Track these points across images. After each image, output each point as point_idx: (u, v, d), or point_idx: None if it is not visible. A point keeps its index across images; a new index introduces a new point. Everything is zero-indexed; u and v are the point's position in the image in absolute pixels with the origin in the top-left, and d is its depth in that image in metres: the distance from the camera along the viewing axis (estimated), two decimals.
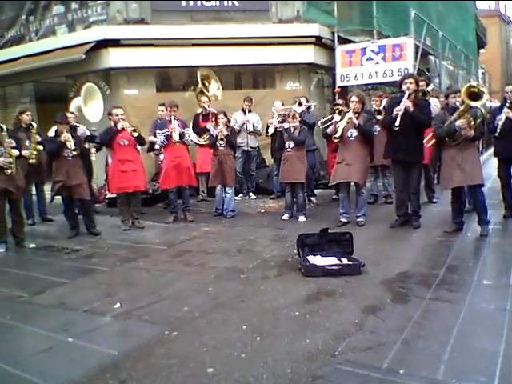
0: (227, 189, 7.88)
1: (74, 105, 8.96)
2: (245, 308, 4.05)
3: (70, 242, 6.67)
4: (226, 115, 7.86)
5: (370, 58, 10.56)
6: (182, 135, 7.37)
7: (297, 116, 7.40)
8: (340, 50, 10.86)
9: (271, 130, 8.08)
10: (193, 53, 10.06)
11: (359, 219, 6.71)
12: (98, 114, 8.73)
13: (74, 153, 6.74)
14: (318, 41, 10.81)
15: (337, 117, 6.64)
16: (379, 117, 7.38)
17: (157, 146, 7.97)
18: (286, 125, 7.27)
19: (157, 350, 3.35)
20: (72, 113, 8.23)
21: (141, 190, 7.46)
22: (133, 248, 6.28)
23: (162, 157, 8.20)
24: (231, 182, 7.86)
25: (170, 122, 7.37)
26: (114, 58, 9.95)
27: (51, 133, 7.55)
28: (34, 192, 8.07)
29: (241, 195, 9.38)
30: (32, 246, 6.53)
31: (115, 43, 9.91)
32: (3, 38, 12.44)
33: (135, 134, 7.13)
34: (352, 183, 6.77)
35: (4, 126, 6.24)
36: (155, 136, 7.77)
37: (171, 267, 5.34)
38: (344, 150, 6.65)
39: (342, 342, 3.32)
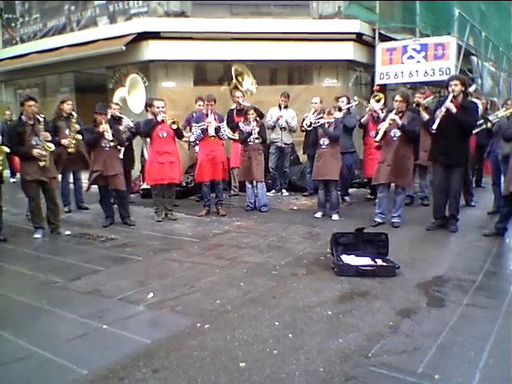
0: (258, 184, 7.88)
1: (118, 96, 9.08)
2: (277, 304, 4.03)
3: (105, 231, 6.78)
4: (256, 110, 7.84)
5: (411, 57, 10.37)
6: (217, 129, 7.39)
7: (332, 112, 7.31)
8: (380, 47, 10.69)
9: (306, 123, 7.95)
10: (231, 47, 10.08)
11: (395, 220, 6.59)
12: (141, 105, 8.83)
13: (112, 144, 6.84)
14: (358, 37, 10.67)
15: (373, 102, 6.49)
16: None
17: (192, 139, 8.01)
18: (321, 120, 7.20)
19: (189, 341, 3.36)
20: (117, 104, 8.34)
21: (176, 182, 7.51)
22: (166, 239, 6.34)
23: (197, 148, 8.23)
24: (260, 177, 7.86)
25: (207, 115, 7.40)
26: (153, 51, 10.06)
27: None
28: (71, 180, 8.22)
29: (273, 191, 9.35)
30: (67, 233, 6.65)
31: (155, 35, 10.01)
32: (45, 27, 12.74)
33: (174, 127, 7.19)
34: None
35: (41, 119, 6.37)
36: (185, 130, 7.82)
37: (203, 260, 5.36)
38: (386, 150, 6.52)
39: (376, 344, 3.28)
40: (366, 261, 4.84)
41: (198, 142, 7.68)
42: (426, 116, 6.95)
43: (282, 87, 10.12)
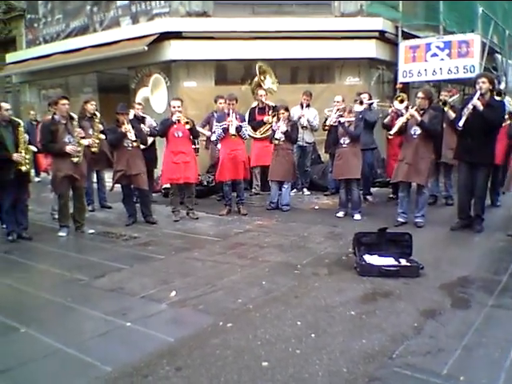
0: (284, 183, 7.86)
1: (140, 95, 9.16)
2: (299, 304, 4.02)
3: (128, 229, 6.85)
4: (287, 109, 7.83)
5: (434, 54, 10.22)
6: (238, 129, 7.40)
7: (353, 111, 7.26)
8: (403, 45, 10.56)
9: (329, 122, 7.89)
10: (252, 46, 10.07)
11: (418, 220, 6.49)
12: (163, 105, 8.89)
13: (135, 144, 6.90)
14: (381, 35, 10.57)
15: (397, 104, 6.43)
16: (445, 109, 7.07)
17: (213, 138, 8.02)
18: (342, 119, 7.15)
19: (212, 339, 3.37)
20: (140, 104, 8.42)
21: (191, 182, 7.49)
22: (187, 238, 6.37)
23: (219, 146, 8.27)
24: (289, 177, 7.87)
25: (229, 114, 7.41)
26: (175, 50, 10.11)
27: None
28: (94, 180, 8.32)
29: (294, 191, 9.31)
30: (91, 231, 6.74)
31: (177, 35, 10.05)
32: (68, 28, 12.91)
33: (187, 127, 7.21)
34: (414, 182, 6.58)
35: (75, 116, 6.47)
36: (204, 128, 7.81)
37: (225, 259, 5.37)
38: (406, 148, 6.45)
39: (400, 345, 3.24)
40: (389, 261, 4.79)
41: (219, 141, 7.70)
42: (452, 114, 6.83)
43: (303, 86, 10.07)
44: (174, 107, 7.26)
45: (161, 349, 3.26)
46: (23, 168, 6.18)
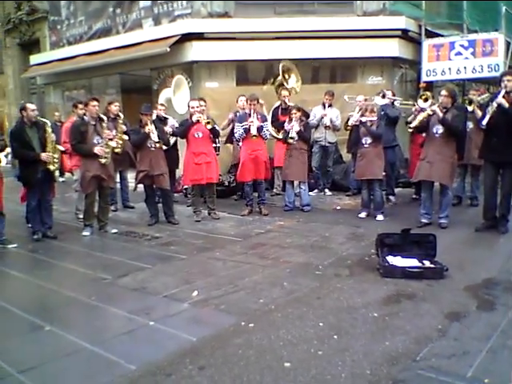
0: (301, 184, 7.83)
1: (163, 96, 9.23)
2: (321, 305, 4.00)
3: (150, 229, 6.91)
4: (299, 110, 7.79)
5: (458, 53, 10.07)
6: (259, 129, 7.39)
7: (375, 110, 7.20)
8: (427, 43, 10.42)
9: (351, 122, 7.83)
10: (273, 46, 10.06)
11: (442, 220, 6.40)
12: (185, 106, 8.95)
13: (157, 145, 6.96)
14: (404, 34, 10.46)
15: (421, 102, 6.36)
16: (470, 108, 6.96)
17: (236, 136, 8.02)
18: (363, 118, 7.08)
19: (234, 339, 3.38)
20: (162, 104, 8.49)
21: (213, 182, 7.51)
22: (209, 238, 6.40)
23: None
24: (303, 177, 7.82)
25: (250, 115, 7.42)
26: (197, 51, 10.16)
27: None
28: (117, 180, 8.40)
29: (316, 191, 9.28)
30: (114, 231, 6.82)
31: (199, 36, 10.11)
32: (91, 30, 13.08)
33: (209, 127, 7.22)
34: (437, 182, 6.49)
35: (105, 118, 6.57)
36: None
37: (246, 259, 5.38)
38: (428, 147, 6.36)
39: (424, 348, 3.20)
40: (412, 262, 4.73)
41: (240, 141, 7.72)
42: (479, 113, 6.72)
43: (325, 86, 10.03)
44: (193, 107, 7.28)
45: (183, 348, 3.28)
46: (51, 167, 6.28)
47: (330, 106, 8.94)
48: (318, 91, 9.40)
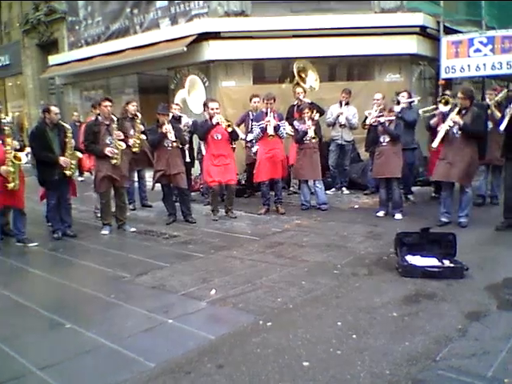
0: (317, 182, 7.81)
1: (179, 97, 9.29)
2: (339, 304, 3.98)
3: (168, 228, 6.95)
4: (311, 108, 7.77)
5: (477, 50, 9.94)
6: (276, 128, 7.38)
7: (393, 110, 7.14)
8: (445, 40, 10.29)
9: (369, 121, 7.76)
10: (290, 44, 10.02)
11: (461, 220, 6.32)
12: (200, 106, 8.98)
13: (174, 144, 6.99)
14: (422, 31, 10.34)
15: (442, 107, 6.28)
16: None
17: (250, 138, 8.03)
18: (381, 119, 7.02)
19: (252, 338, 3.39)
20: (177, 104, 8.54)
21: (232, 183, 7.51)
22: (226, 237, 6.41)
23: (254, 149, 8.31)
24: (318, 175, 7.80)
25: (267, 114, 7.40)
26: (213, 51, 10.17)
27: None
28: (136, 179, 8.47)
29: (333, 190, 9.23)
30: (133, 229, 6.88)
31: (215, 36, 10.12)
32: (108, 30, 13.18)
33: (229, 130, 7.21)
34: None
35: (115, 119, 6.63)
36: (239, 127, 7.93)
37: (264, 258, 5.38)
38: (447, 147, 6.28)
39: (444, 348, 3.17)
40: (432, 262, 4.68)
41: (257, 140, 7.71)
42: (498, 114, 6.63)
43: (342, 84, 9.97)
44: (213, 109, 7.25)
45: (202, 346, 3.29)
46: (67, 172, 6.36)
47: (346, 104, 8.88)
48: (335, 89, 9.35)
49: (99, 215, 7.10)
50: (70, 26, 14.78)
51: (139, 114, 8.00)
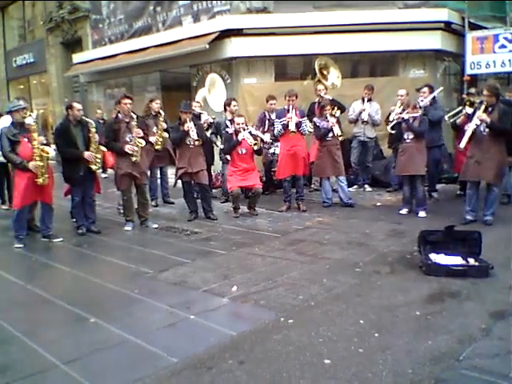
0: (340, 178, 7.77)
1: (200, 95, 9.34)
2: (361, 302, 3.96)
3: (190, 225, 6.99)
4: (334, 104, 7.75)
5: (503, 46, 9.79)
6: (298, 125, 7.36)
7: (417, 106, 7.04)
8: (470, 36, 10.15)
9: (392, 118, 7.67)
10: (313, 41, 9.96)
11: (487, 218, 6.21)
12: (221, 103, 9.01)
13: (196, 142, 7.04)
14: (447, 26, 10.19)
15: (468, 109, 6.19)
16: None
17: (267, 138, 8.01)
18: (405, 116, 6.93)
19: (273, 335, 3.39)
20: (198, 102, 8.60)
21: (258, 186, 7.45)
22: (247, 234, 6.42)
23: (271, 150, 8.43)
24: (342, 171, 7.78)
25: (288, 110, 7.38)
26: (235, 48, 10.17)
27: None
28: (158, 175, 8.53)
29: (355, 187, 9.16)
30: (155, 226, 6.94)
31: (238, 32, 10.11)
32: (131, 28, 13.29)
33: (256, 148, 7.27)
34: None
35: (135, 116, 6.70)
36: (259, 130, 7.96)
37: (285, 255, 5.37)
38: (475, 146, 6.17)
39: (468, 347, 3.14)
40: (456, 260, 4.62)
41: (278, 137, 7.71)
42: None
43: (364, 80, 9.88)
44: (238, 124, 7.27)
45: (223, 342, 3.31)
46: (93, 167, 6.45)
47: (369, 100, 8.80)
48: (357, 85, 9.26)
49: (122, 212, 7.19)
50: (93, 24, 14.94)
51: (162, 112, 8.06)
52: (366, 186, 9.21)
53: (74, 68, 15.02)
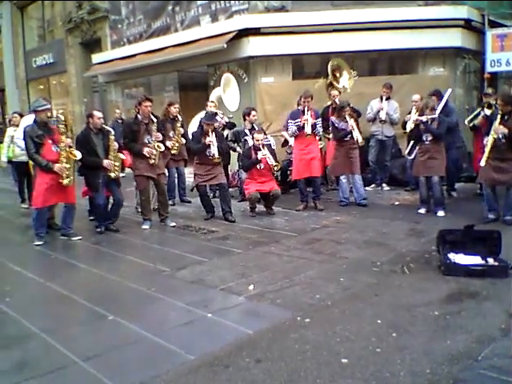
0: (356, 177, 7.73)
1: (214, 94, 9.37)
2: (379, 302, 3.94)
3: (207, 223, 7.02)
4: (349, 105, 7.71)
5: None
6: (313, 126, 7.34)
7: (435, 107, 6.93)
8: (490, 33, 10.01)
9: (409, 127, 7.61)
10: (331, 39, 9.90)
11: (507, 217, 6.13)
12: (235, 103, 9.01)
13: (216, 159, 7.03)
14: (467, 24, 10.05)
15: (487, 110, 6.11)
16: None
17: (289, 133, 7.98)
18: (423, 118, 6.82)
19: (290, 334, 3.39)
20: (213, 101, 8.62)
21: (276, 189, 7.46)
22: (264, 232, 6.43)
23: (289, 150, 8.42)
24: (358, 170, 7.75)
25: (304, 112, 7.35)
26: (253, 47, 10.15)
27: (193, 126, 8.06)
28: (175, 176, 8.56)
29: (373, 186, 9.10)
30: (172, 224, 6.98)
31: (255, 32, 10.10)
32: (150, 28, 13.37)
33: (276, 169, 7.36)
34: None
35: (155, 120, 6.75)
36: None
37: (302, 254, 5.37)
38: (492, 152, 6.08)
39: (486, 347, 3.11)
40: (475, 260, 4.56)
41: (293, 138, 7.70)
42: None
43: (383, 78, 9.79)
44: (258, 140, 7.26)
45: (240, 340, 3.32)
46: (112, 174, 6.54)
47: (387, 98, 8.73)
48: (376, 84, 9.19)
49: (140, 210, 7.24)
50: (112, 25, 15.03)
51: (180, 117, 8.11)
52: (384, 184, 9.15)
53: (93, 68, 15.15)
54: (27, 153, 6.11)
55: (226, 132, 8.33)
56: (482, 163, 6.14)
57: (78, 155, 6.16)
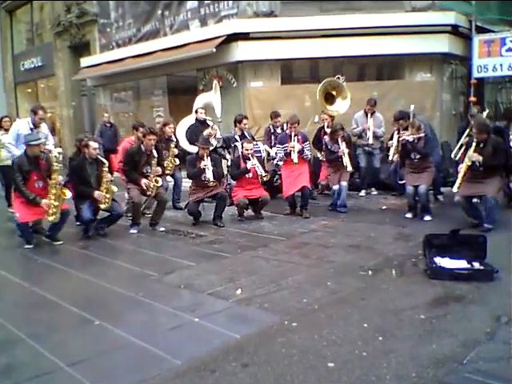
0: (342, 183, 7.71)
1: (200, 101, 9.29)
2: (365, 306, 3.96)
3: (195, 228, 7.02)
4: (343, 129, 7.72)
5: (510, 49, 9.80)
6: (301, 152, 7.36)
7: (422, 127, 6.93)
8: (477, 39, 10.14)
9: (391, 156, 7.75)
10: (319, 44, 9.98)
11: (485, 225, 6.09)
12: (218, 110, 8.95)
13: (211, 184, 6.99)
14: (454, 30, 10.17)
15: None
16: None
17: (273, 152, 7.99)
18: (410, 138, 6.82)
19: (277, 338, 3.39)
20: (203, 108, 8.63)
21: (265, 195, 7.44)
22: (252, 237, 6.43)
23: (275, 161, 8.32)
24: (347, 178, 7.77)
25: (291, 137, 7.37)
26: (242, 51, 10.20)
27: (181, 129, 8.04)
28: (171, 181, 8.52)
29: (363, 191, 9.13)
30: (162, 229, 6.98)
31: (244, 36, 10.14)
32: (139, 32, 13.35)
33: (265, 179, 7.41)
34: None
35: (156, 155, 6.84)
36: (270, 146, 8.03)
37: (290, 258, 5.38)
38: (471, 175, 6.14)
39: (472, 351, 3.13)
40: (461, 264, 4.59)
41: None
42: None
43: (371, 83, 9.87)
44: (247, 150, 7.25)
45: (227, 345, 3.32)
46: (102, 206, 6.50)
47: (372, 113, 8.74)
48: (364, 88, 9.29)
49: (129, 215, 7.21)
50: (101, 29, 14.98)
51: (174, 138, 8.13)
52: (373, 189, 9.19)
53: (82, 72, 15.08)
54: (14, 184, 6.09)
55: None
56: (455, 189, 6.19)
57: (68, 194, 6.16)
